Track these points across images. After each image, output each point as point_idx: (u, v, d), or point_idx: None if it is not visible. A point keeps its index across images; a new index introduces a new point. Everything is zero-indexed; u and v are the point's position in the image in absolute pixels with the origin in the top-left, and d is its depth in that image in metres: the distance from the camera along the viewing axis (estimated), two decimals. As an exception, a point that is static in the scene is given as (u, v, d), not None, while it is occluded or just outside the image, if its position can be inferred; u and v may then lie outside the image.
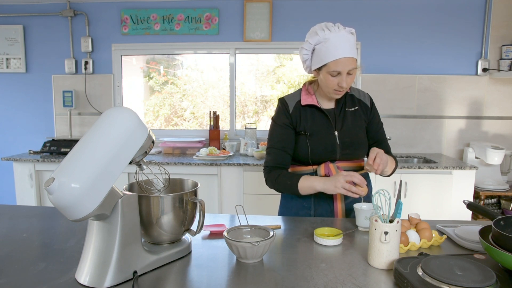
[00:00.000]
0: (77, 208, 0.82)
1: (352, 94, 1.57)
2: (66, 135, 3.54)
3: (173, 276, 0.96)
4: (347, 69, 1.36)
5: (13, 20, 3.51)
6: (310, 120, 1.50)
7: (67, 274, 0.94)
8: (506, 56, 3.17)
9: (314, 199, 1.50)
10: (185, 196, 1.04)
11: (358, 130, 1.52)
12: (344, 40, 1.36)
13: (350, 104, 1.54)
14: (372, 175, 2.38)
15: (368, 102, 1.58)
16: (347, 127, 1.50)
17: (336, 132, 1.49)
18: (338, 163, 1.49)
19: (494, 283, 0.80)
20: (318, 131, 1.49)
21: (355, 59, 1.39)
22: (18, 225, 1.32)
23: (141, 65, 3.87)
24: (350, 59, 1.36)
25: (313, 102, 1.50)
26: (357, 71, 1.44)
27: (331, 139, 1.48)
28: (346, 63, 1.35)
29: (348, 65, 1.36)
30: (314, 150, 1.47)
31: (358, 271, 0.98)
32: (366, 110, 1.57)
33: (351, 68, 1.37)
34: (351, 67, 1.36)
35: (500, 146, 2.96)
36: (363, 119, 1.55)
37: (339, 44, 1.35)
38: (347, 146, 1.48)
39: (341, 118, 1.51)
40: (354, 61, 1.38)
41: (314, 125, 1.49)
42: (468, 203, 1.16)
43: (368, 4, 3.27)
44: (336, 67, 1.36)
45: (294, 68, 3.75)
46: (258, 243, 0.98)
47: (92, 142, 0.88)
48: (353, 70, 1.38)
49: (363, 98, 1.58)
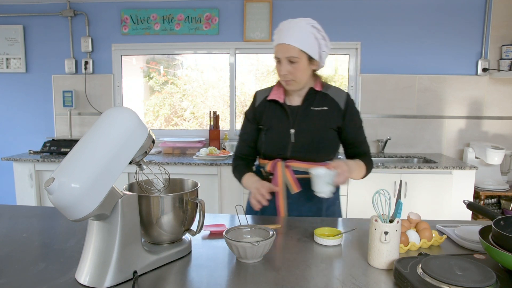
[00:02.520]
0: (77, 208, 0.82)
1: (326, 93, 1.49)
2: (66, 135, 3.54)
3: (173, 276, 0.96)
4: (284, 55, 1.36)
5: (13, 20, 3.51)
6: (271, 115, 1.51)
7: (67, 274, 0.94)
8: (506, 56, 3.17)
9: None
10: (185, 196, 1.04)
11: (319, 131, 1.46)
12: (290, 27, 1.37)
13: (318, 103, 1.48)
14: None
15: (343, 103, 1.48)
16: (307, 126, 1.46)
17: (292, 130, 1.46)
18: (292, 162, 1.46)
19: (494, 283, 0.80)
20: (275, 127, 1.49)
21: (296, 48, 1.35)
22: (18, 225, 1.31)
23: (141, 65, 3.87)
24: (287, 46, 1.35)
25: (277, 98, 1.49)
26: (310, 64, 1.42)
27: (285, 136, 1.46)
28: (282, 49, 1.36)
29: (284, 51, 1.36)
30: (267, 144, 1.48)
31: (358, 271, 0.98)
32: (338, 111, 1.47)
33: (288, 56, 1.36)
34: (288, 54, 1.36)
35: (500, 146, 2.96)
36: (333, 121, 1.47)
37: (283, 32, 1.37)
38: (302, 146, 1.44)
39: (302, 116, 1.47)
40: (293, 49, 1.35)
41: (273, 120, 1.50)
42: (468, 203, 1.15)
43: (368, 4, 3.27)
44: (275, 53, 1.40)
45: (294, 68, 3.74)
46: (258, 243, 0.98)
47: (92, 142, 0.88)
48: (293, 58, 1.36)
49: (337, 98, 1.49)
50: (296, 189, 1.43)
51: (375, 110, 3.35)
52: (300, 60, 1.38)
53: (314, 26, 1.40)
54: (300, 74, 1.40)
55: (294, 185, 1.43)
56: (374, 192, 1.02)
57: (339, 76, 3.64)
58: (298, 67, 1.38)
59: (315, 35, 1.39)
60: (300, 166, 1.45)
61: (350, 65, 3.39)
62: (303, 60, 1.38)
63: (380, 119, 3.36)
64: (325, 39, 1.44)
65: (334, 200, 1.57)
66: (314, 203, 1.49)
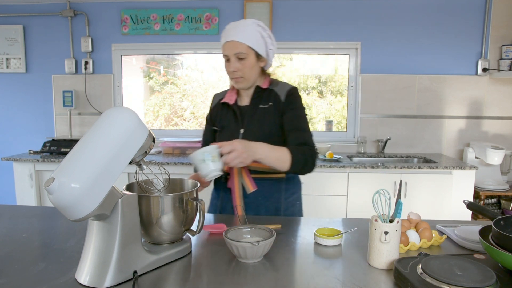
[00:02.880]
0: (77, 208, 0.82)
1: (272, 89, 1.50)
2: (66, 135, 3.54)
3: (173, 276, 0.96)
4: (233, 52, 1.39)
5: (13, 20, 3.51)
6: (223, 118, 1.55)
7: (67, 274, 0.94)
8: (506, 56, 3.17)
9: (222, 196, 1.53)
10: (185, 196, 1.04)
11: (267, 129, 1.45)
12: (237, 26, 1.40)
13: (265, 100, 1.48)
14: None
15: (284, 96, 1.46)
16: (254, 126, 1.47)
17: (242, 130, 1.48)
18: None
19: (494, 283, 0.80)
20: (227, 128, 1.52)
21: (244, 44, 1.38)
22: (18, 225, 1.31)
23: (141, 65, 3.87)
24: (234, 43, 1.38)
25: (228, 100, 1.53)
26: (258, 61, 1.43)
27: (235, 137, 1.46)
28: (230, 46, 1.39)
29: (232, 48, 1.39)
30: None
31: (358, 271, 0.98)
32: (279, 104, 1.46)
33: (237, 52, 1.38)
34: (237, 50, 1.38)
35: (500, 146, 2.96)
36: (276, 116, 1.45)
37: (231, 30, 1.40)
38: None
39: (250, 116, 1.48)
40: (241, 45, 1.38)
41: (224, 122, 1.54)
42: (468, 203, 1.15)
43: (368, 4, 3.27)
44: (224, 51, 1.41)
45: (294, 68, 3.75)
46: (258, 243, 0.98)
47: (92, 142, 0.88)
48: (241, 54, 1.39)
49: (280, 92, 1.48)
50: (252, 188, 1.44)
51: (375, 110, 3.36)
52: (248, 56, 1.40)
53: (259, 25, 1.43)
54: (248, 70, 1.43)
55: (249, 185, 1.44)
56: (374, 192, 1.02)
57: (339, 76, 3.64)
58: (247, 64, 1.41)
59: (261, 33, 1.42)
60: (256, 165, 1.41)
61: (350, 65, 3.39)
62: (251, 57, 1.41)
63: (380, 119, 3.36)
64: (271, 38, 1.46)
65: (294, 202, 1.57)
66: (272, 202, 1.50)
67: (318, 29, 3.31)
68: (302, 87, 3.72)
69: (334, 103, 3.68)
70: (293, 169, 1.35)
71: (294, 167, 1.34)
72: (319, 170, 2.77)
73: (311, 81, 3.72)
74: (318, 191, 2.81)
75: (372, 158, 3.25)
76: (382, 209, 1.00)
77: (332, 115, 3.68)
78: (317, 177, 2.79)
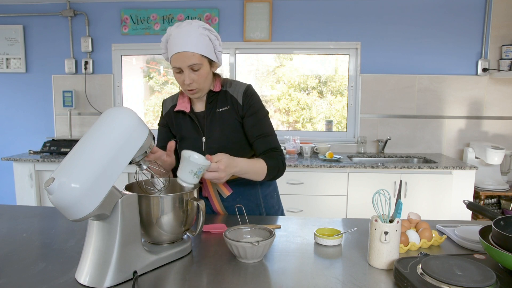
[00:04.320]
0: (77, 208, 0.82)
1: (226, 90, 1.42)
2: (66, 135, 3.54)
3: (173, 276, 0.96)
4: (186, 64, 1.27)
5: (13, 20, 3.51)
6: (181, 126, 1.45)
7: (67, 274, 0.94)
8: (506, 56, 3.17)
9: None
10: (185, 196, 1.04)
11: (229, 133, 1.39)
12: (185, 34, 1.27)
13: (221, 103, 1.41)
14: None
15: (241, 98, 1.40)
16: (216, 133, 1.39)
17: (203, 139, 1.40)
18: None
19: (494, 283, 0.80)
20: (188, 138, 1.43)
21: (197, 54, 1.28)
22: (18, 225, 1.31)
23: (141, 65, 3.87)
24: (187, 54, 1.26)
25: (183, 108, 1.42)
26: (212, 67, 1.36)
27: (198, 147, 1.40)
28: (182, 58, 1.27)
29: (185, 60, 1.27)
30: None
31: (358, 271, 0.98)
32: (237, 107, 1.40)
33: (190, 64, 1.27)
34: (190, 62, 1.27)
35: (500, 146, 2.96)
36: (235, 118, 1.40)
37: (179, 39, 1.27)
38: (215, 151, 1.26)
39: (210, 122, 1.41)
40: (194, 56, 1.27)
41: (184, 131, 1.44)
42: (468, 203, 1.15)
43: (367, 4, 3.27)
44: (175, 63, 1.29)
45: (294, 68, 3.75)
46: (258, 243, 0.98)
47: (92, 142, 0.88)
48: (196, 65, 1.28)
49: (236, 94, 1.41)
50: (227, 192, 1.42)
51: (375, 110, 3.36)
52: (203, 66, 1.31)
53: (205, 27, 1.33)
54: (203, 80, 1.33)
55: (224, 189, 1.43)
56: (374, 192, 1.02)
57: (339, 76, 3.64)
58: (202, 74, 1.31)
59: (209, 37, 1.32)
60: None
61: (350, 65, 3.40)
62: (205, 65, 1.32)
63: (380, 119, 3.36)
64: (218, 39, 1.36)
65: (271, 193, 1.55)
66: (251, 200, 1.48)
67: (318, 29, 3.31)
68: (302, 87, 3.72)
69: (334, 103, 3.68)
70: (267, 178, 1.36)
71: (268, 176, 1.35)
72: (319, 170, 2.77)
73: (311, 81, 3.72)
74: (318, 191, 2.81)
75: (372, 158, 3.25)
76: (382, 209, 1.00)
77: (332, 115, 3.68)
78: (317, 177, 2.79)
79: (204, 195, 1.46)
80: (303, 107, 3.72)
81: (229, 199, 1.45)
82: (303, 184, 2.81)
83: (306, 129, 3.71)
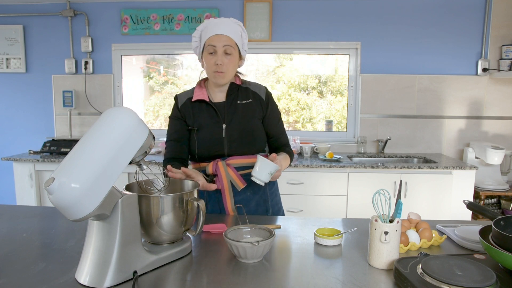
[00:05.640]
0: (77, 208, 0.82)
1: (246, 87, 1.55)
2: (66, 135, 3.54)
3: (173, 276, 0.96)
4: (221, 44, 1.40)
5: (13, 20, 3.51)
6: (199, 115, 1.51)
7: (67, 274, 0.94)
8: (506, 56, 3.17)
9: (207, 195, 1.51)
10: (185, 196, 1.04)
11: (250, 123, 1.49)
12: (224, 22, 1.43)
13: (242, 96, 1.52)
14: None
15: (264, 95, 1.54)
16: (237, 121, 1.48)
17: (224, 126, 1.48)
18: (229, 159, 1.47)
19: (494, 283, 0.80)
20: (206, 125, 1.49)
21: (233, 40, 1.42)
22: (18, 225, 1.31)
23: (141, 65, 3.87)
24: (224, 36, 1.40)
25: (202, 97, 1.50)
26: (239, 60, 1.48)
27: (218, 133, 1.47)
28: (220, 38, 1.40)
29: (222, 41, 1.40)
30: (201, 144, 1.47)
31: (358, 271, 0.98)
32: (261, 103, 1.53)
33: (226, 45, 1.40)
34: (225, 43, 1.40)
35: (500, 146, 2.96)
36: (258, 112, 1.52)
37: (218, 25, 1.42)
38: (235, 140, 1.46)
39: (231, 111, 1.49)
40: (229, 39, 1.41)
41: (202, 120, 1.50)
42: (468, 203, 1.15)
43: (367, 4, 3.27)
44: (211, 42, 1.40)
45: (294, 68, 3.75)
46: (258, 243, 0.98)
47: (92, 142, 0.88)
48: (229, 48, 1.41)
49: (258, 91, 1.54)
50: (242, 185, 1.45)
51: (375, 110, 3.36)
52: (234, 52, 1.43)
53: (239, 25, 1.47)
54: (231, 67, 1.44)
55: (239, 182, 1.45)
56: (374, 192, 1.02)
57: (339, 76, 3.64)
58: (232, 60, 1.43)
59: (241, 33, 1.47)
60: (240, 161, 1.48)
61: (350, 65, 3.40)
62: (236, 54, 1.44)
63: (380, 119, 3.36)
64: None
65: (275, 191, 1.62)
66: (260, 195, 1.53)
67: (318, 29, 3.31)
68: (302, 87, 3.72)
69: (334, 103, 3.69)
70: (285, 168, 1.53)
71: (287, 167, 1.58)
72: (319, 170, 2.77)
73: (311, 81, 3.72)
74: (318, 191, 2.81)
75: (372, 158, 3.25)
76: (382, 209, 1.00)
77: (332, 115, 3.68)
78: (317, 177, 2.79)
79: (218, 187, 1.47)
80: (303, 107, 3.73)
81: (239, 194, 1.48)
82: (303, 184, 2.81)
83: (306, 129, 3.71)
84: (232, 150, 1.47)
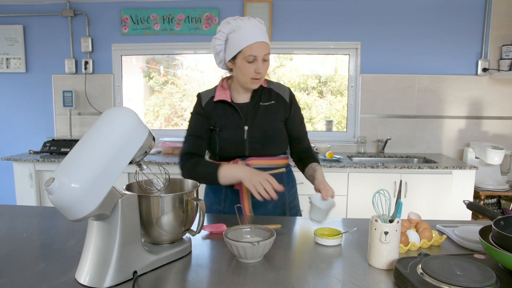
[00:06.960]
0: (77, 208, 0.82)
1: (270, 88, 1.53)
2: (66, 135, 3.54)
3: (173, 276, 0.96)
4: (263, 53, 1.37)
5: (13, 20, 3.51)
6: (221, 115, 1.49)
7: (67, 274, 0.94)
8: (506, 56, 3.17)
9: (225, 195, 1.51)
10: (185, 196, 1.04)
11: (272, 125, 1.48)
12: (256, 26, 1.38)
13: (266, 98, 1.51)
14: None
15: (287, 97, 1.53)
16: (259, 122, 1.47)
17: (246, 127, 1.47)
18: (249, 160, 1.46)
19: (494, 283, 0.80)
20: (228, 126, 1.47)
21: (269, 44, 1.41)
22: (18, 225, 1.31)
23: (141, 65, 3.87)
24: (264, 44, 1.38)
25: (225, 97, 1.48)
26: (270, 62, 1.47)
27: (240, 134, 1.46)
28: (261, 47, 1.37)
29: (263, 49, 1.37)
30: (222, 144, 1.47)
31: (358, 271, 0.98)
32: (285, 104, 1.52)
33: (266, 53, 1.38)
34: (266, 51, 1.38)
35: (500, 146, 2.96)
36: (281, 114, 1.51)
37: (252, 30, 1.37)
38: (257, 141, 1.46)
39: (254, 113, 1.48)
40: (268, 46, 1.40)
41: (224, 120, 1.48)
42: (468, 203, 1.15)
43: (367, 4, 3.27)
44: (251, 52, 1.36)
45: (294, 68, 3.75)
46: (258, 243, 0.98)
47: (92, 142, 0.88)
48: (267, 55, 1.40)
49: (281, 93, 1.53)
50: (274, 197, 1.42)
51: (375, 110, 3.36)
52: (269, 58, 1.42)
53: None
54: (266, 72, 1.44)
55: None
56: (374, 192, 1.02)
57: (339, 76, 3.64)
58: (267, 65, 1.43)
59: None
60: (260, 162, 1.47)
61: (350, 65, 3.39)
62: (269, 58, 1.43)
63: (380, 119, 3.36)
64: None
65: (295, 194, 1.63)
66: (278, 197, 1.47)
67: (318, 29, 3.31)
68: (302, 87, 3.72)
69: (334, 103, 3.69)
70: None
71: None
72: (319, 170, 2.77)
73: (311, 81, 3.72)
74: (318, 191, 2.80)
75: (372, 158, 3.25)
76: (382, 209, 1.00)
77: (332, 115, 3.68)
78: (317, 177, 2.78)
79: (236, 188, 1.48)
80: (303, 107, 3.72)
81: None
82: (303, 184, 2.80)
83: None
84: (253, 151, 1.46)
